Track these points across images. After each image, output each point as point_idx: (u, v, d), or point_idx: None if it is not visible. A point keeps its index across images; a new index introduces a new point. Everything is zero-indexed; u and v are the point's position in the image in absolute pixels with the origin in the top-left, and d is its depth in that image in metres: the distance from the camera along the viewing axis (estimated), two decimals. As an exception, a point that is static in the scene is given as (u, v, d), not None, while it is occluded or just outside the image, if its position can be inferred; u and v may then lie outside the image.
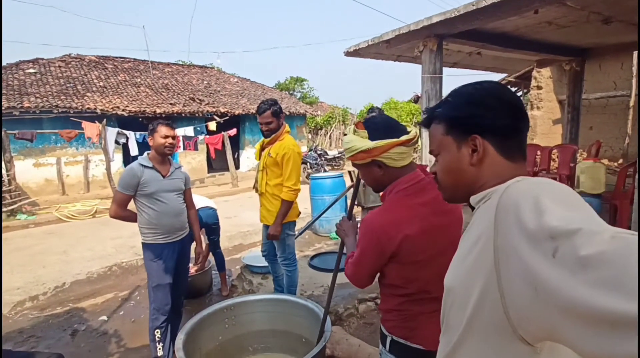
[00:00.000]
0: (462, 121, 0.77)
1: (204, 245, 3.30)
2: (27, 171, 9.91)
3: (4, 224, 7.64)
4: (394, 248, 1.17)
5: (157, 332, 2.51)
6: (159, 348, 2.51)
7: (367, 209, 3.86)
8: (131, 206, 2.56)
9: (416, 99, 21.76)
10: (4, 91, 10.16)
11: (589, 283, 0.45)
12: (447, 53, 6.81)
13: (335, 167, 13.74)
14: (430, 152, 0.87)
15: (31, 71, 11.98)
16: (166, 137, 2.50)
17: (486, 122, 0.75)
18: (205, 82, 16.03)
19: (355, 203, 3.85)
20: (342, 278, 3.76)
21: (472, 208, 0.78)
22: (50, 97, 10.51)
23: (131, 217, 2.57)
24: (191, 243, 2.82)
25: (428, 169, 1.00)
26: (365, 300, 3.33)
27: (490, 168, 0.75)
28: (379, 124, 1.25)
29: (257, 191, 2.97)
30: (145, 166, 2.48)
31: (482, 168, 0.76)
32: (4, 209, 8.08)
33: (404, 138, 1.21)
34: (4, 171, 8.49)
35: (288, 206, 2.80)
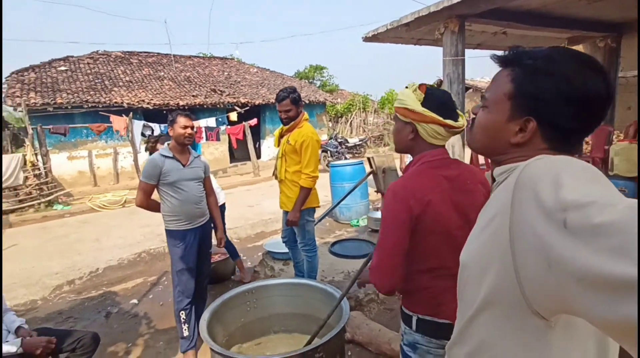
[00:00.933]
0: (531, 100, 0.69)
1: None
2: (62, 164, 10.40)
3: (43, 214, 8.09)
4: (419, 211, 1.18)
5: (182, 314, 2.62)
6: (185, 329, 2.62)
7: (387, 196, 3.83)
8: (155, 196, 2.66)
9: (439, 84, 21.19)
10: (39, 89, 10.64)
11: (600, 251, 0.45)
12: (470, 34, 6.57)
13: (356, 155, 13.66)
14: (482, 96, 0.80)
15: (62, 68, 12.46)
16: (185, 127, 2.57)
17: (552, 116, 0.67)
18: (225, 73, 16.19)
19: (375, 189, 3.82)
20: (360, 265, 3.77)
21: (494, 180, 0.78)
22: (80, 92, 10.92)
23: (155, 206, 2.68)
24: (211, 228, 2.91)
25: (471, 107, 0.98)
26: (386, 285, 3.33)
27: (526, 151, 0.71)
28: (437, 97, 1.26)
29: (276, 178, 3.02)
30: (166, 157, 2.57)
31: (518, 148, 0.73)
32: (42, 200, 8.54)
33: (448, 121, 1.22)
34: (40, 164, 8.95)
35: (307, 192, 2.85)
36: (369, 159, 4.01)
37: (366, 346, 2.55)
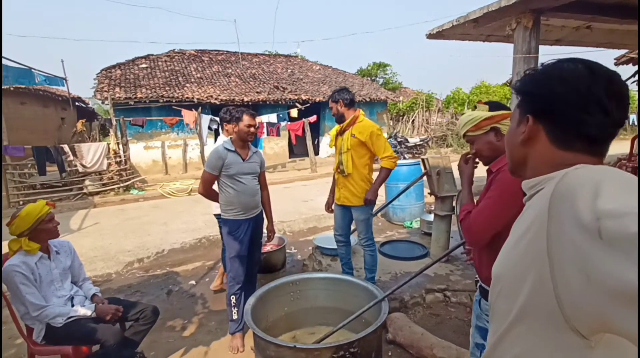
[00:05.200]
0: (523, 97, 0.76)
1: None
2: (139, 153, 11.48)
3: (121, 197, 8.99)
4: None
5: (233, 298, 2.78)
6: (234, 313, 2.78)
7: (441, 199, 3.70)
8: (215, 187, 2.86)
9: (511, 82, 19.84)
10: (123, 84, 11.81)
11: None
12: (548, 29, 6.06)
13: (417, 155, 13.29)
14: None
15: (143, 65, 13.70)
16: (249, 126, 2.73)
17: (542, 106, 0.71)
18: (289, 70, 16.63)
19: (428, 192, 3.73)
20: (410, 267, 3.70)
21: (524, 194, 0.75)
22: (157, 88, 11.93)
23: (215, 196, 2.88)
24: (263, 221, 3.04)
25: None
26: (434, 290, 3.24)
27: (538, 154, 0.73)
28: (497, 103, 1.48)
29: (342, 173, 3.00)
30: (228, 150, 2.75)
31: (528, 150, 0.75)
32: (121, 184, 9.50)
33: None
34: (121, 152, 9.94)
35: (387, 173, 2.97)
36: (422, 160, 3.91)
37: (407, 348, 2.51)
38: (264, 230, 3.14)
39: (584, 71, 0.68)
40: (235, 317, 2.81)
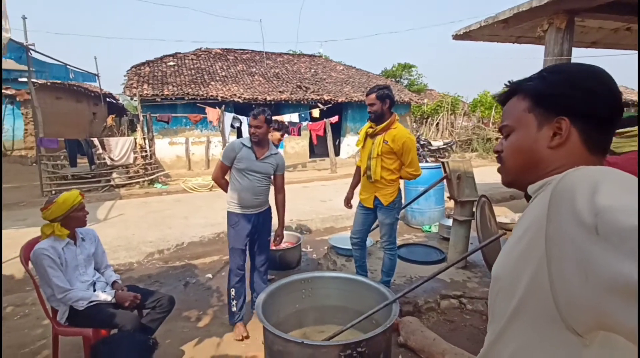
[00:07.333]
0: (554, 99, 0.69)
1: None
2: (164, 148, 11.79)
3: (145, 190, 9.25)
4: None
5: (232, 291, 2.83)
6: (233, 305, 2.84)
7: (461, 203, 3.63)
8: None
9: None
10: (151, 81, 12.16)
11: (631, 255, 0.44)
12: (584, 31, 5.84)
13: (439, 159, 13.06)
14: (501, 128, 0.80)
15: (171, 64, 14.07)
16: (250, 126, 2.80)
17: (581, 106, 0.67)
18: (312, 70, 16.68)
19: (448, 196, 3.68)
20: (426, 271, 3.64)
21: (528, 199, 0.73)
22: (183, 86, 12.22)
23: (224, 186, 2.96)
24: (270, 220, 3.07)
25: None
26: (449, 296, 3.18)
27: (567, 156, 0.69)
28: None
29: (370, 178, 2.95)
30: (244, 145, 2.81)
31: (558, 153, 0.69)
32: (146, 178, 9.78)
33: None
34: (147, 147, 10.24)
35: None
36: (443, 163, 3.83)
37: (418, 353, 2.48)
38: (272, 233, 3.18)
39: (605, 72, 0.67)
40: (233, 309, 2.87)
